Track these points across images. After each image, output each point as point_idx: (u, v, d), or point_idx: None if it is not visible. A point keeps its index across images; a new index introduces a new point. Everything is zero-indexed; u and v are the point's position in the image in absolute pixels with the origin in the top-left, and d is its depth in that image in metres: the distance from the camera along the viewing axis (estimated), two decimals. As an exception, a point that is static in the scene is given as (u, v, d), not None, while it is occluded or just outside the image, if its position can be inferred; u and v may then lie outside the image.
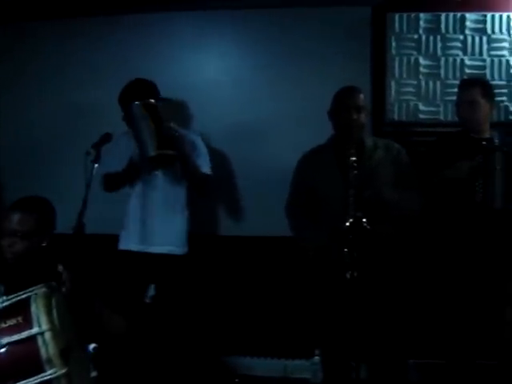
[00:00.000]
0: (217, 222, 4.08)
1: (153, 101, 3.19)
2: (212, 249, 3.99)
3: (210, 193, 3.52)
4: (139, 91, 3.25)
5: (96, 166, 2.72)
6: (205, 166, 3.41)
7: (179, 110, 3.91)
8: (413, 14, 3.96)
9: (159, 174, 3.38)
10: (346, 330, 3.09)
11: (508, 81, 3.97)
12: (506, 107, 3.97)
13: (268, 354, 4.05)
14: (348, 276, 2.91)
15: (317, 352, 3.73)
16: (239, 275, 4.03)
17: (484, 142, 3.30)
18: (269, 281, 4.02)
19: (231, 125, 3.96)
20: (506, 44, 3.97)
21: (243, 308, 4.04)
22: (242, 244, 4.02)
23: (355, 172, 2.94)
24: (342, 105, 3.14)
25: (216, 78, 4.01)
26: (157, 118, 3.14)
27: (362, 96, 3.16)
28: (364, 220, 2.90)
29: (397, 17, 3.96)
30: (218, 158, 3.82)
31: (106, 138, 2.92)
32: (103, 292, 2.67)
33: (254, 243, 4.00)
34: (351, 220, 2.90)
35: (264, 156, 3.95)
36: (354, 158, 2.96)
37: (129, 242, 3.42)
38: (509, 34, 3.97)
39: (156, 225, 3.38)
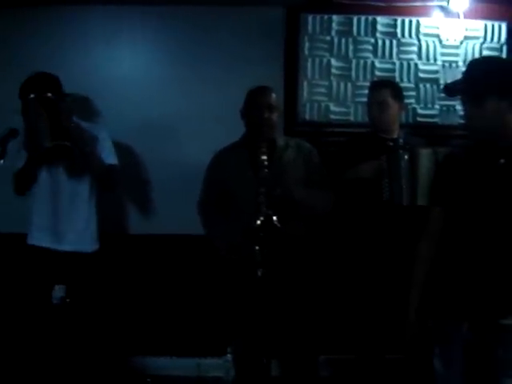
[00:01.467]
0: (127, 220, 4.03)
1: (50, 95, 3.11)
2: (123, 247, 3.94)
3: (117, 185, 3.45)
4: (37, 85, 3.15)
5: (1, 161, 2.64)
6: (110, 158, 3.36)
7: (89, 106, 3.84)
8: (326, 16, 4.02)
9: (62, 169, 3.30)
10: (257, 328, 3.11)
11: (416, 84, 4.10)
12: (414, 109, 4.10)
13: (181, 353, 4.02)
14: (259, 274, 2.92)
15: (229, 350, 3.73)
16: (150, 274, 4.00)
17: (390, 142, 3.40)
18: (181, 279, 4.00)
19: (142, 121, 3.90)
20: (414, 48, 4.10)
21: (155, 307, 4.00)
22: (153, 242, 3.98)
23: (266, 171, 2.95)
24: (254, 104, 3.15)
25: (128, 74, 3.95)
26: (53, 111, 3.07)
27: (274, 95, 3.18)
28: (274, 218, 2.92)
29: (310, 18, 4.00)
30: (128, 154, 3.80)
31: (12, 133, 2.84)
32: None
33: (165, 241, 3.97)
34: (262, 218, 2.90)
35: (177, 153, 3.93)
36: (265, 157, 2.97)
37: (36, 240, 3.33)
38: (418, 39, 4.10)
39: (62, 222, 3.30)
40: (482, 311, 2.22)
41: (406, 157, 3.34)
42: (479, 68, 2.29)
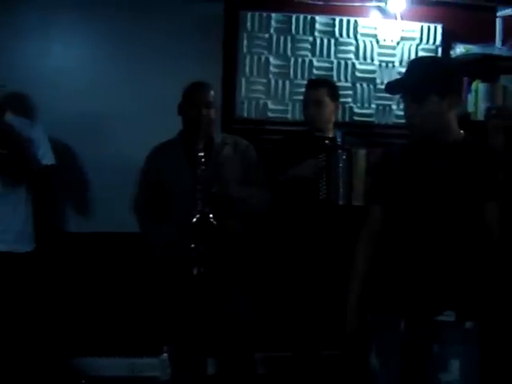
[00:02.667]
0: (65, 218, 3.92)
1: None
2: (60, 246, 3.84)
3: (53, 184, 3.38)
4: None
5: None
6: (46, 158, 3.29)
7: (23, 101, 3.69)
8: (265, 14, 4.01)
9: None
10: (193, 326, 3.08)
11: (353, 83, 4.15)
12: (351, 108, 4.15)
13: (115, 353, 3.96)
14: (195, 272, 2.90)
15: (165, 349, 3.70)
16: (86, 273, 3.91)
17: (327, 142, 3.42)
18: (117, 278, 3.93)
19: (78, 118, 3.78)
20: (352, 48, 4.14)
21: (90, 306, 3.92)
22: (90, 241, 3.89)
23: (203, 168, 2.93)
24: (192, 100, 3.10)
25: (64, 70, 3.82)
26: None
27: (212, 92, 3.14)
28: (211, 216, 2.91)
29: (249, 15, 3.99)
30: (65, 151, 3.70)
31: None
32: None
33: (102, 240, 3.90)
34: (198, 216, 2.89)
35: (114, 150, 3.84)
36: (201, 154, 2.94)
37: None
38: (355, 39, 4.14)
39: None
40: (419, 308, 2.25)
41: (343, 156, 3.37)
42: (421, 67, 2.31)
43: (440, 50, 4.24)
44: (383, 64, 4.18)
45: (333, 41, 4.11)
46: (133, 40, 3.84)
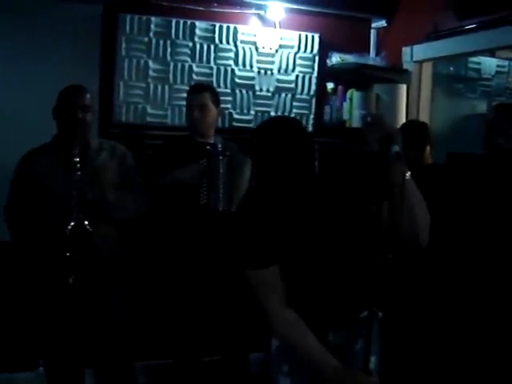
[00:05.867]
0: None
1: None
2: None
3: None
4: None
5: None
6: None
7: None
8: (144, 17, 3.94)
9: None
10: (69, 337, 2.99)
11: (232, 89, 4.18)
12: (231, 114, 4.18)
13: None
14: (71, 281, 2.82)
15: (41, 362, 3.56)
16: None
17: (208, 147, 3.43)
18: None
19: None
20: (231, 54, 4.17)
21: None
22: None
23: (79, 173, 2.86)
24: (67, 103, 3.00)
25: None
26: None
27: (88, 95, 3.06)
28: (86, 222, 2.84)
29: (128, 18, 3.91)
30: None
31: None
32: None
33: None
34: (73, 223, 2.81)
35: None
36: (77, 159, 2.87)
37: None
38: (235, 45, 4.17)
39: None
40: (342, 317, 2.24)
41: (224, 163, 3.39)
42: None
43: (317, 58, 4.37)
44: (262, 71, 4.24)
45: (213, 47, 4.12)
46: (6, 41, 3.64)
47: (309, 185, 2.15)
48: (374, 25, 4.59)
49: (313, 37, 4.36)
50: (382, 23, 4.51)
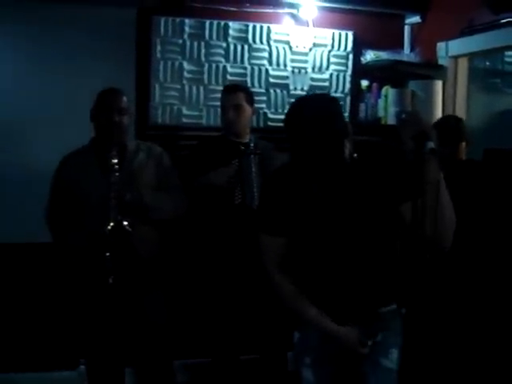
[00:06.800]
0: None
1: None
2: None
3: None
4: None
5: None
6: None
7: None
8: (178, 19, 3.98)
9: None
10: (109, 337, 3.04)
11: (266, 89, 4.19)
12: (265, 114, 4.19)
13: (30, 368, 3.81)
14: (110, 281, 2.86)
15: (82, 361, 3.61)
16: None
17: (242, 147, 3.45)
18: (30, 290, 3.80)
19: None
20: (265, 54, 4.18)
21: (0, 321, 3.78)
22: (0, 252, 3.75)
23: (116, 174, 2.90)
24: (104, 106, 3.05)
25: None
26: None
27: (124, 98, 3.10)
28: (125, 223, 2.87)
29: (162, 21, 3.95)
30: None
31: None
32: None
33: (12, 251, 3.76)
34: (112, 224, 2.85)
35: (24, 156, 3.70)
36: (115, 161, 2.91)
37: None
38: (268, 45, 4.18)
39: None
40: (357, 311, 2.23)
41: (256, 161, 3.40)
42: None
43: (351, 56, 4.35)
44: (296, 70, 4.24)
45: (246, 47, 4.13)
46: (44, 45, 3.72)
47: (337, 168, 2.13)
48: (407, 21, 4.54)
49: (346, 34, 4.34)
50: (416, 19, 4.46)
